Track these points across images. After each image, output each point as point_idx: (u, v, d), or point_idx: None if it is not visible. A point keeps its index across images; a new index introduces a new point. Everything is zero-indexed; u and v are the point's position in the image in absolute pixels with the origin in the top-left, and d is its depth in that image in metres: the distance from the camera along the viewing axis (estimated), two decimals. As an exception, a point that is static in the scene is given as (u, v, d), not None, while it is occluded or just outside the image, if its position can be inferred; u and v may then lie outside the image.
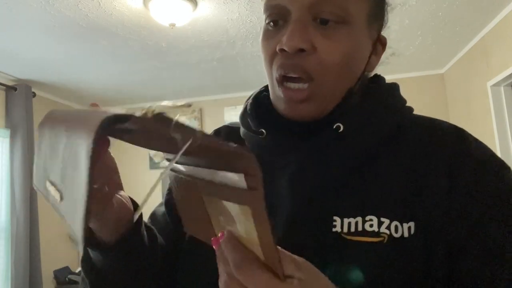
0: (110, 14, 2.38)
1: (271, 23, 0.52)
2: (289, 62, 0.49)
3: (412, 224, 0.46)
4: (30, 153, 3.32)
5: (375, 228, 0.46)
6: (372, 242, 0.46)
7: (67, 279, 3.55)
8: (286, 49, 0.48)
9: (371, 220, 0.47)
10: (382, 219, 0.46)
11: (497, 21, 2.77)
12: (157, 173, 4.26)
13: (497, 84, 2.90)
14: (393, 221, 0.46)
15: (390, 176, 0.49)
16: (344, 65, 0.50)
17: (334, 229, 0.47)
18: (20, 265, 3.11)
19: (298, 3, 0.49)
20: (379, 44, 0.56)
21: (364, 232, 0.46)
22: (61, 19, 2.40)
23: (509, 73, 2.65)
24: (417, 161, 0.50)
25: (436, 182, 0.48)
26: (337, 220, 0.48)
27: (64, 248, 3.88)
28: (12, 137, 3.27)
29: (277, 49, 0.50)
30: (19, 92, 3.30)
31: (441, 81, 3.87)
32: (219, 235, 0.36)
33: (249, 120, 0.58)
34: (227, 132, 0.65)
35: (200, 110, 4.29)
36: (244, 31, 2.73)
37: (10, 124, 3.29)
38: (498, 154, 3.32)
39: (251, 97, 0.61)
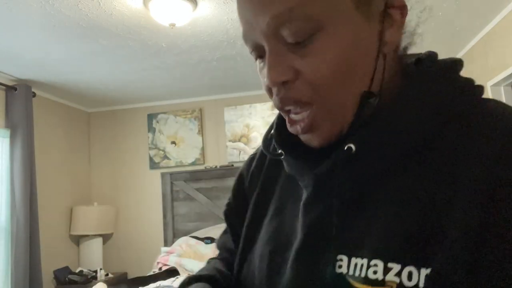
0: (110, 14, 2.38)
1: (258, 59, 0.48)
2: (280, 96, 0.44)
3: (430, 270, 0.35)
4: (30, 153, 3.32)
5: (379, 276, 0.38)
6: None
7: (67, 279, 3.55)
8: (270, 86, 0.44)
9: (375, 265, 0.38)
10: (390, 265, 0.37)
11: (497, 21, 2.77)
12: (157, 173, 4.27)
13: (497, 84, 2.90)
14: (407, 266, 0.36)
15: (410, 200, 0.39)
16: (339, 74, 0.41)
17: (339, 270, 0.41)
18: (20, 265, 3.11)
19: (262, 34, 0.43)
20: (392, 11, 0.43)
21: (367, 280, 0.38)
22: (61, 19, 2.40)
23: (509, 73, 2.65)
24: (447, 178, 0.38)
25: (465, 213, 0.35)
26: (344, 259, 0.41)
27: (64, 248, 3.88)
28: (12, 137, 3.27)
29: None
30: (19, 92, 3.30)
31: (441, 81, 3.86)
32: None
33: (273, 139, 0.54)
34: (261, 155, 0.63)
35: (200, 110, 4.29)
36: (244, 31, 2.73)
37: (10, 124, 3.28)
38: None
39: (277, 116, 0.55)
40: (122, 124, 4.44)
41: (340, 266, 0.41)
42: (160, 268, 3.35)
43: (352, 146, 0.41)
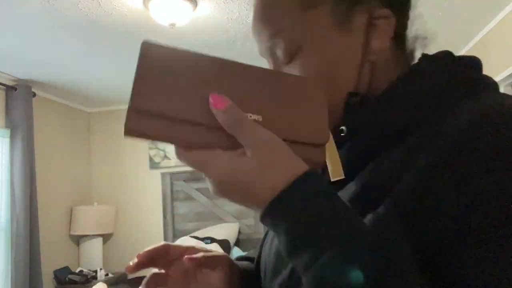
0: (110, 14, 2.38)
1: None
2: None
3: None
4: (30, 153, 3.32)
5: None
6: None
7: (67, 279, 3.55)
8: None
9: None
10: None
11: (497, 21, 2.77)
12: (157, 173, 4.26)
13: (497, 84, 2.90)
14: None
15: (373, 180, 0.44)
16: (320, 69, 0.48)
17: None
18: (20, 265, 3.11)
19: (266, 53, 0.52)
20: (377, 21, 0.47)
21: None
22: (61, 19, 2.40)
23: (509, 73, 2.65)
24: (406, 164, 0.41)
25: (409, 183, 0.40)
26: None
27: (64, 248, 3.88)
28: (12, 137, 3.27)
29: None
30: (19, 92, 3.30)
31: (441, 81, 3.87)
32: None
33: None
34: None
35: None
36: (244, 31, 2.73)
37: (10, 124, 3.28)
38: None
39: None
40: (122, 124, 4.42)
41: None
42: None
43: (344, 128, 0.48)
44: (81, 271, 3.70)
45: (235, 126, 0.38)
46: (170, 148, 4.28)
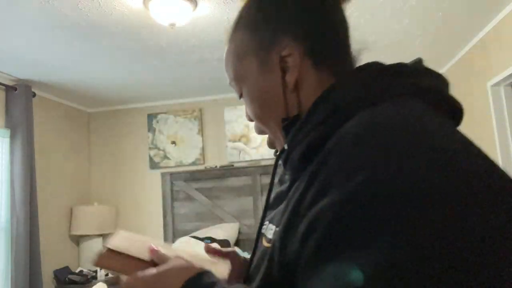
0: (110, 14, 2.38)
1: None
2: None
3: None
4: (30, 153, 3.32)
5: (271, 236, 0.57)
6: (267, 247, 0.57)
7: (67, 279, 3.55)
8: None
9: (271, 229, 0.58)
10: (276, 229, 0.55)
11: (497, 21, 2.77)
12: (157, 173, 4.27)
13: (497, 84, 2.90)
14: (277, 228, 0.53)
15: (293, 194, 0.48)
16: (260, 112, 0.59)
17: (262, 230, 0.61)
18: (20, 265, 3.11)
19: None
20: (286, 59, 0.55)
21: (266, 238, 0.59)
22: (61, 19, 2.40)
23: (509, 73, 2.65)
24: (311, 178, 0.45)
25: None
26: (266, 224, 0.62)
27: (64, 248, 3.88)
28: (12, 137, 3.27)
29: None
30: (19, 92, 3.30)
31: (441, 81, 3.86)
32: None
33: None
34: None
35: (200, 110, 4.29)
36: (244, 31, 2.73)
37: (10, 124, 3.29)
38: (498, 154, 3.27)
39: None
40: (122, 124, 4.44)
41: (265, 228, 0.61)
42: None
43: (286, 146, 0.55)
44: (81, 271, 3.70)
45: (160, 260, 0.61)
46: (170, 148, 4.29)
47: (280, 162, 0.58)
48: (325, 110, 0.48)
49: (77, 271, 3.72)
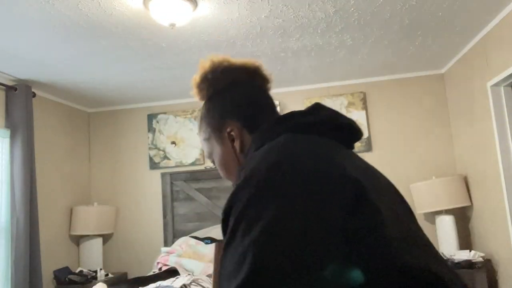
0: (110, 14, 2.38)
1: None
2: None
3: None
4: (30, 153, 3.32)
5: None
6: None
7: (67, 279, 3.55)
8: None
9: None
10: None
11: (497, 21, 2.77)
12: (157, 173, 4.27)
13: (497, 84, 2.90)
14: None
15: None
16: (224, 169, 0.87)
17: None
18: (20, 265, 3.11)
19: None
20: (231, 133, 0.84)
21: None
22: (61, 19, 2.40)
23: (509, 73, 2.66)
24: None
25: None
26: None
27: (64, 248, 3.88)
28: (12, 137, 3.27)
29: None
30: (19, 92, 3.30)
31: (441, 81, 3.87)
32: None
33: None
34: None
35: (200, 110, 4.28)
36: (244, 31, 2.73)
37: (10, 124, 3.29)
38: (498, 154, 3.27)
39: None
40: (122, 124, 4.44)
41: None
42: (160, 268, 3.35)
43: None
44: (81, 271, 3.70)
45: None
46: (170, 149, 4.29)
47: None
48: (245, 161, 0.79)
49: (77, 271, 3.72)
